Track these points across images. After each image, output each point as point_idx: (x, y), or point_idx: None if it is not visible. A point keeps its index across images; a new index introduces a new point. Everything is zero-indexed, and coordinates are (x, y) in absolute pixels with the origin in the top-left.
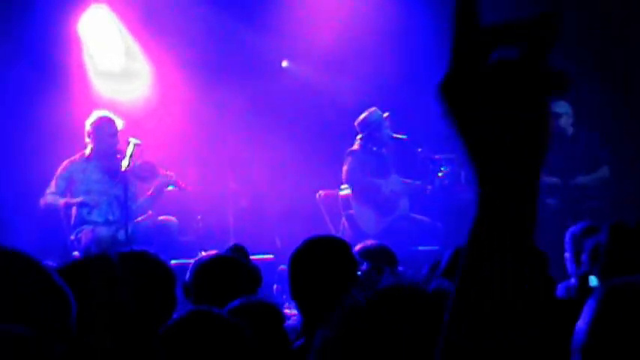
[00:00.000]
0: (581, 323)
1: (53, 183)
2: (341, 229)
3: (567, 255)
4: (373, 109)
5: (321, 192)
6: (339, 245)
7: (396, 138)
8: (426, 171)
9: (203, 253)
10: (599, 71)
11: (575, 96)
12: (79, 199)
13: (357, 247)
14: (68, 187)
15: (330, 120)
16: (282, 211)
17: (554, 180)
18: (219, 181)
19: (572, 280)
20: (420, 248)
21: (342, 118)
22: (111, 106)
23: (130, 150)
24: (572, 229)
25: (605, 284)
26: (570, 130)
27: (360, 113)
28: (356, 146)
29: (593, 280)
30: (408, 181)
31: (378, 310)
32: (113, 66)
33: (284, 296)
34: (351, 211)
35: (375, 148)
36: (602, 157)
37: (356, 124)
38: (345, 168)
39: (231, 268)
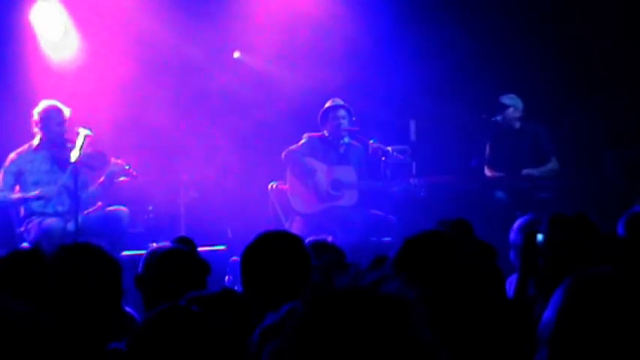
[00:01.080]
0: (548, 314)
1: (0, 179)
2: (289, 222)
3: (511, 252)
4: (331, 99)
5: (273, 183)
6: (291, 240)
7: (348, 129)
8: (377, 160)
9: (154, 245)
10: (552, 65)
11: (526, 89)
12: (34, 193)
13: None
14: (17, 180)
15: (284, 111)
16: (234, 202)
17: (501, 173)
18: (171, 172)
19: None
20: (373, 239)
21: (296, 109)
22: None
23: (80, 141)
24: (517, 222)
25: (572, 275)
26: (517, 124)
27: (315, 105)
28: (316, 134)
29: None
30: (372, 182)
31: (329, 320)
32: (63, 58)
33: (236, 287)
34: (285, 187)
35: (330, 138)
36: (550, 149)
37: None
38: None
39: (180, 260)
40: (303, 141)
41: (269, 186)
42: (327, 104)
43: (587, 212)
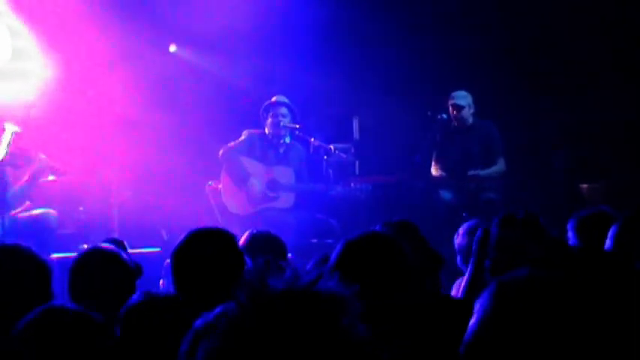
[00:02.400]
0: (472, 322)
1: None
2: (225, 215)
3: (458, 257)
4: (275, 96)
5: (210, 182)
6: (223, 237)
7: (287, 127)
8: (318, 159)
9: (85, 247)
10: (501, 60)
11: (475, 86)
12: None
13: (243, 238)
14: None
15: (223, 107)
16: (170, 202)
17: (448, 173)
18: (103, 171)
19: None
20: (312, 241)
21: (235, 105)
22: None
23: (6, 138)
24: (463, 226)
25: (494, 281)
26: (470, 121)
27: (256, 101)
28: (256, 130)
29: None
30: (312, 185)
31: (262, 321)
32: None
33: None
34: (219, 186)
35: (270, 135)
36: (498, 150)
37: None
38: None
39: (107, 262)
40: (242, 138)
41: (206, 186)
42: (269, 101)
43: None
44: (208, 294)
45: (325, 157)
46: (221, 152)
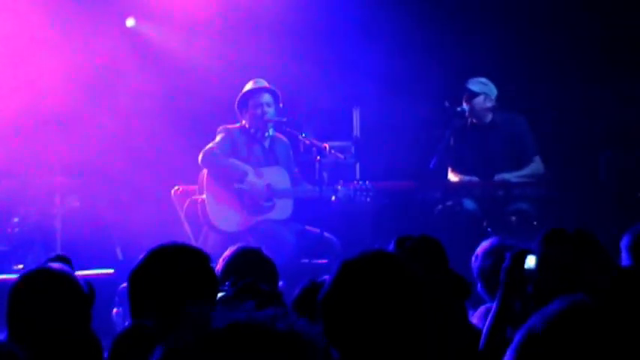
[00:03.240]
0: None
1: None
2: (202, 238)
3: (478, 284)
4: (253, 80)
5: (177, 187)
6: (192, 256)
7: (274, 120)
8: (310, 160)
9: (21, 267)
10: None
11: (499, 74)
12: None
13: (227, 254)
14: None
15: (192, 97)
16: (126, 212)
17: (470, 178)
18: (43, 174)
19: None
20: (311, 262)
21: (207, 95)
22: None
23: None
24: (482, 246)
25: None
26: (489, 116)
27: (230, 90)
28: (233, 125)
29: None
30: (310, 187)
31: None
32: None
33: (126, 322)
34: (202, 197)
35: (252, 130)
36: (532, 146)
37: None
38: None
39: (57, 286)
40: (220, 136)
41: (172, 191)
42: (248, 86)
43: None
44: (173, 325)
45: (318, 157)
46: (202, 156)
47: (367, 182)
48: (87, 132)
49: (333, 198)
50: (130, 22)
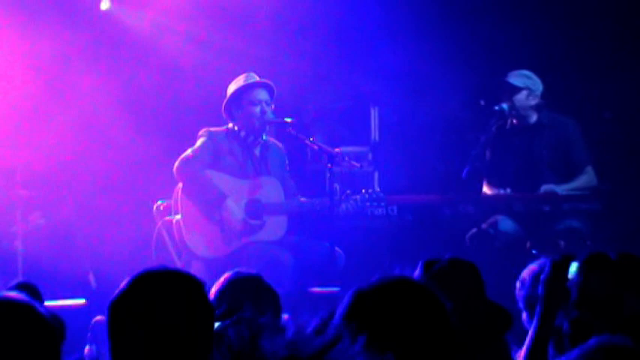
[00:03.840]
0: None
1: None
2: (183, 263)
3: (524, 314)
4: (244, 75)
5: (160, 203)
6: (185, 284)
7: (275, 122)
8: (319, 169)
9: None
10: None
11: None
12: None
13: (220, 281)
14: None
15: (177, 93)
16: (100, 231)
17: (508, 191)
18: (1, 186)
19: None
20: (314, 290)
21: (193, 91)
22: None
23: None
24: (527, 270)
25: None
26: (533, 117)
27: (220, 84)
28: (217, 128)
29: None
30: (303, 199)
31: None
32: None
33: None
34: (175, 218)
35: (242, 133)
36: (583, 155)
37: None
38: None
39: (18, 320)
40: (201, 141)
41: (154, 207)
42: (238, 81)
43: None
44: None
45: (329, 165)
46: (177, 166)
47: (379, 190)
48: (53, 135)
49: (343, 206)
50: (105, 5)
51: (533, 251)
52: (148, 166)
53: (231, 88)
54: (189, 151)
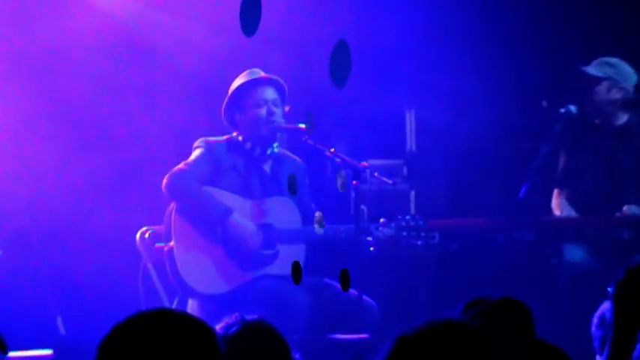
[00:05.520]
0: None
1: None
2: (176, 302)
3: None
4: (246, 71)
5: (145, 230)
6: (191, 330)
7: (287, 128)
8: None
9: None
10: None
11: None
12: None
13: (218, 330)
14: None
15: (172, 94)
16: (71, 264)
17: (580, 213)
18: None
19: None
20: (337, 337)
21: (193, 91)
22: None
23: None
24: (603, 307)
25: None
26: (622, 117)
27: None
28: (217, 138)
29: None
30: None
31: None
32: None
33: None
34: (170, 244)
35: (248, 145)
36: None
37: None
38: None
39: None
40: (197, 153)
41: (137, 235)
42: (240, 79)
43: None
44: None
45: (355, 182)
46: (166, 181)
47: (418, 217)
48: (17, 143)
49: (370, 239)
50: None
51: (609, 289)
52: (133, 182)
53: (232, 87)
54: (181, 165)
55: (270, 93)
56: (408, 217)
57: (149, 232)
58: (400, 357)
